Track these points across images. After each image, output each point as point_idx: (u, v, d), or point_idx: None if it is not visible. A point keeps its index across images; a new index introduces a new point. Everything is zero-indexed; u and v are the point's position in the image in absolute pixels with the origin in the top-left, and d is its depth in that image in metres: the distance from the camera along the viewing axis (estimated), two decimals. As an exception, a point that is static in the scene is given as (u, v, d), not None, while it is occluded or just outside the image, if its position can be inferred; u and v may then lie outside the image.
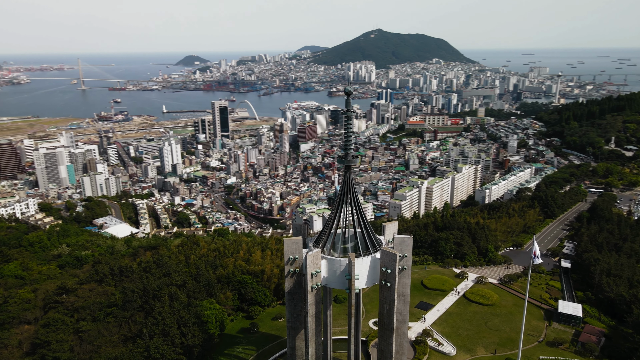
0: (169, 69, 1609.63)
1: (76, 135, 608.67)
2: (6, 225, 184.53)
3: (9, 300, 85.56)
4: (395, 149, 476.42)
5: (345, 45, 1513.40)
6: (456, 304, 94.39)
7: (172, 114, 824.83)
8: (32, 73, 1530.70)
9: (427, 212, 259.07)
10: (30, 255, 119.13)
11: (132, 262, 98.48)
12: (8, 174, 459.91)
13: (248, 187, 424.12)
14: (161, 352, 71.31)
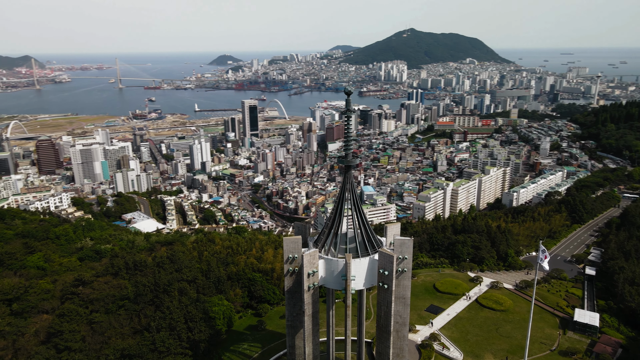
0: (202, 69, 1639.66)
1: (111, 132, 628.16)
2: (39, 218, 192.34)
3: (29, 290, 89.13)
4: (424, 150, 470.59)
5: (377, 45, 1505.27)
6: (467, 309, 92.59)
7: (203, 113, 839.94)
8: (73, 72, 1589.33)
9: (452, 214, 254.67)
10: (55, 248, 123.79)
11: (148, 257, 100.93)
12: (47, 169, 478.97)
13: (275, 185, 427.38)
14: (167, 346, 72.87)
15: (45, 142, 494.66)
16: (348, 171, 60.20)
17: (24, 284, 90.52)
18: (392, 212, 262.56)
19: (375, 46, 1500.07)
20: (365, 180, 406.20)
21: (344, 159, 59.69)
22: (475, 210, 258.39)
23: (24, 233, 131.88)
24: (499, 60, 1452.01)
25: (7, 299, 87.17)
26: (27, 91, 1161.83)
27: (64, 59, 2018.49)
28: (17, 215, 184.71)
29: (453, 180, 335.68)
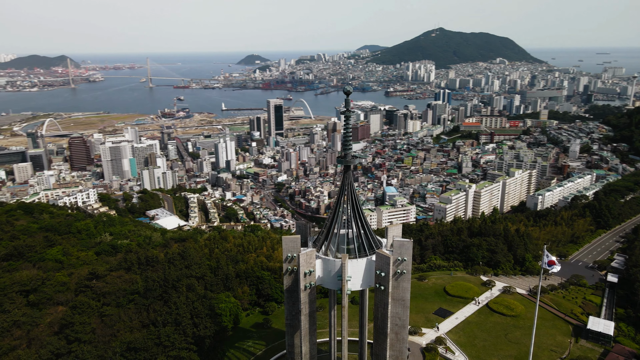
0: (230, 68, 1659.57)
1: (141, 130, 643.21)
2: (66, 212, 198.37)
3: (46, 282, 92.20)
4: (449, 151, 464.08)
5: (405, 44, 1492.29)
6: (477, 313, 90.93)
7: (230, 112, 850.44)
8: (107, 71, 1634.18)
9: (474, 217, 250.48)
10: (76, 242, 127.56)
11: (160, 253, 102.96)
12: (79, 166, 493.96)
13: (298, 185, 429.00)
14: (171, 340, 74.19)
15: (77, 140, 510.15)
16: (347, 171, 60.00)
17: (41, 276, 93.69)
18: (412, 214, 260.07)
19: (403, 46, 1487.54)
20: (388, 181, 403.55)
21: (343, 159, 59.46)
22: (498, 213, 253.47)
23: (47, 227, 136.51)
24: (531, 60, 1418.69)
25: (25, 290, 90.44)
26: (63, 90, 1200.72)
27: (98, 59, 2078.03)
28: (45, 209, 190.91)
29: (477, 182, 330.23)
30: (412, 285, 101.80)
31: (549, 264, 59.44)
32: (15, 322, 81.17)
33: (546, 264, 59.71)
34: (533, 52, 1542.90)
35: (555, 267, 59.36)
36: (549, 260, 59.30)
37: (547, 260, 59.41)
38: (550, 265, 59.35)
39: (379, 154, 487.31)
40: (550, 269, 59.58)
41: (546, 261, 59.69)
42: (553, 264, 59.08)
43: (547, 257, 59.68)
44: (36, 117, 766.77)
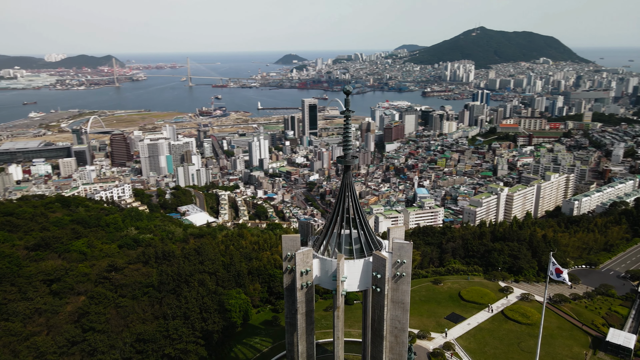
0: (268, 68, 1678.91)
1: (179, 128, 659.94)
2: (101, 206, 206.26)
3: (69, 272, 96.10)
4: (484, 153, 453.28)
5: (444, 44, 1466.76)
6: (490, 320, 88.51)
7: (265, 111, 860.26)
8: (149, 71, 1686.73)
9: (505, 221, 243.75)
10: (103, 235, 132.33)
11: (178, 248, 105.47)
12: (119, 161, 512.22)
13: (329, 184, 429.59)
14: (179, 334, 75.95)
15: (118, 136, 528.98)
16: (347, 171, 59.58)
17: (65, 267, 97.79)
18: (440, 216, 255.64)
19: (442, 45, 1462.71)
20: (420, 183, 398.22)
21: (343, 158, 59.10)
22: (532, 218, 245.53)
23: (78, 220, 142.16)
24: (577, 59, 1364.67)
25: (49, 279, 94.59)
26: (108, 88, 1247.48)
27: (142, 58, 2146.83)
28: (81, 203, 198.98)
29: (513, 185, 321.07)
30: (426, 289, 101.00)
31: (556, 272, 57.09)
32: (37, 309, 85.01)
33: (553, 272, 57.38)
34: (580, 51, 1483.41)
35: (564, 276, 56.87)
36: (556, 268, 56.95)
37: (554, 269, 57.10)
38: (557, 274, 56.97)
39: (412, 155, 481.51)
40: (558, 278, 57.20)
41: (552, 269, 57.40)
42: (560, 272, 56.67)
43: (553, 265, 57.41)
44: (82, 115, 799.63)
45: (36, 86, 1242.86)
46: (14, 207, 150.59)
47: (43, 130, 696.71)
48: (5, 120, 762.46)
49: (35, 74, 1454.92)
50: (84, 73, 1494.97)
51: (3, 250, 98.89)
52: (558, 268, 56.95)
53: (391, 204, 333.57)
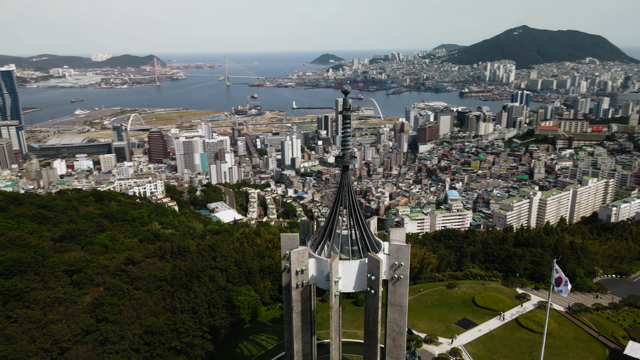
0: (305, 67, 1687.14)
1: (214, 126, 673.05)
2: (132, 201, 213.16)
3: (90, 264, 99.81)
4: (520, 156, 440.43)
5: (484, 43, 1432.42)
6: (503, 327, 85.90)
7: (300, 110, 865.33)
8: (189, 70, 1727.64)
9: (538, 226, 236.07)
10: (129, 229, 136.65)
11: (195, 244, 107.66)
12: (156, 158, 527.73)
13: (359, 185, 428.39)
14: (186, 327, 77.48)
15: (156, 134, 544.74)
16: (345, 171, 59.23)
17: (86, 258, 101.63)
18: (468, 219, 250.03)
19: (482, 45, 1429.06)
20: (452, 185, 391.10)
21: (341, 159, 58.77)
22: (566, 224, 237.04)
23: (106, 214, 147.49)
24: (626, 59, 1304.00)
25: (71, 270, 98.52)
26: (149, 87, 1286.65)
27: (182, 58, 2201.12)
28: (114, 197, 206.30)
29: (549, 189, 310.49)
30: (439, 293, 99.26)
31: (557, 281, 54.85)
32: (57, 298, 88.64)
33: (555, 280, 55.18)
34: (629, 51, 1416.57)
35: (563, 287, 54.48)
36: (558, 277, 54.70)
37: (556, 277, 54.87)
38: (558, 283, 54.72)
39: (446, 157, 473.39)
40: (557, 287, 54.93)
41: (555, 277, 55.20)
42: (561, 281, 54.38)
43: (556, 273, 55.18)
44: (124, 112, 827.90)
45: (82, 85, 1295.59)
46: (48, 200, 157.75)
47: (87, 127, 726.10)
48: (53, 117, 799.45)
49: (82, 73, 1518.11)
50: (127, 72, 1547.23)
51: (30, 240, 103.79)
52: (560, 277, 54.67)
53: (421, 206, 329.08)
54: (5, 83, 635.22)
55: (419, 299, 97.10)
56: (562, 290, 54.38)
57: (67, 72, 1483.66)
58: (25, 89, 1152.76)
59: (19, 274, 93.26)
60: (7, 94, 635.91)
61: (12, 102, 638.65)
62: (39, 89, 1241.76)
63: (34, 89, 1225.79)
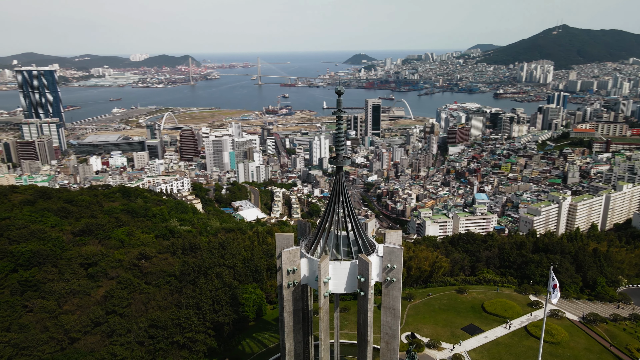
0: (337, 67, 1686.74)
1: (245, 125, 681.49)
2: (158, 198, 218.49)
3: (105, 258, 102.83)
4: (554, 159, 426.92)
5: (522, 43, 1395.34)
6: (510, 335, 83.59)
7: (330, 110, 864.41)
8: (222, 70, 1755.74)
9: (568, 232, 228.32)
10: (150, 224, 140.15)
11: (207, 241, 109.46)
12: (187, 156, 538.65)
13: (387, 186, 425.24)
14: (189, 323, 78.98)
15: (187, 132, 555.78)
16: (339, 171, 59.06)
17: (102, 252, 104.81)
18: (492, 223, 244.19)
19: (519, 45, 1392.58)
20: (481, 188, 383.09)
21: (335, 159, 58.57)
22: (597, 231, 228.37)
23: (128, 209, 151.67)
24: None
25: (87, 263, 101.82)
26: (183, 86, 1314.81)
27: (217, 58, 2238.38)
28: (140, 194, 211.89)
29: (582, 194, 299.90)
30: (448, 297, 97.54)
31: (554, 288, 53.08)
32: (72, 290, 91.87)
33: (552, 287, 53.40)
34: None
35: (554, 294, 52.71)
36: (554, 284, 52.93)
37: (553, 284, 53.09)
38: (554, 290, 52.96)
39: (475, 159, 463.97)
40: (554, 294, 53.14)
41: (552, 284, 53.41)
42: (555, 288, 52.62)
43: (552, 280, 53.39)
44: (158, 111, 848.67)
45: (120, 84, 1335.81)
46: (75, 195, 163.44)
47: (123, 125, 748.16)
48: (92, 115, 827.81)
49: (121, 72, 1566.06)
50: (163, 72, 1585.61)
51: (50, 234, 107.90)
52: (556, 284, 52.89)
53: (448, 209, 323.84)
54: (47, 82, 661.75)
55: (426, 302, 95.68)
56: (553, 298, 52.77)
57: (106, 71, 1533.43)
58: (67, 88, 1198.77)
59: (38, 266, 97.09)
60: (49, 92, 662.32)
61: (53, 101, 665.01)
62: (80, 87, 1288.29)
63: (75, 88, 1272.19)
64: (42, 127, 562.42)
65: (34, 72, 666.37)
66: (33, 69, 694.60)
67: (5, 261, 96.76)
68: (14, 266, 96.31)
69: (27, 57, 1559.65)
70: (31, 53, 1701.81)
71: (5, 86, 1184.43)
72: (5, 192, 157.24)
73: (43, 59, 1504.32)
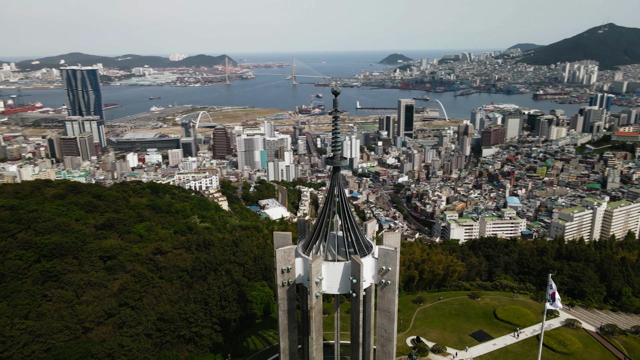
0: (372, 67, 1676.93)
1: (277, 125, 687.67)
2: (185, 195, 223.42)
3: (123, 252, 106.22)
4: (593, 163, 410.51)
5: (564, 42, 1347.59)
6: (521, 343, 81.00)
7: (364, 110, 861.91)
8: (258, 69, 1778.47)
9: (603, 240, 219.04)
10: (172, 220, 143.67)
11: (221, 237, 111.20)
12: (219, 154, 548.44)
13: (417, 187, 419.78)
14: (195, 317, 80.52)
15: (220, 131, 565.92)
16: (336, 172, 58.79)
17: (121, 246, 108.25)
18: (521, 227, 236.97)
19: (561, 44, 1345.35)
20: (515, 191, 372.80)
21: (331, 160, 58.35)
22: (634, 239, 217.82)
23: (152, 205, 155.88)
24: None
25: (106, 256, 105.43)
26: (220, 86, 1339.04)
27: (253, 58, 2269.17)
28: (169, 190, 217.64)
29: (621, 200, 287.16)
30: (459, 302, 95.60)
31: (552, 296, 51.17)
32: (89, 282, 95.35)
33: (550, 295, 51.51)
34: None
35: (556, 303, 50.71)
36: (552, 292, 51.02)
37: (551, 292, 51.20)
38: (553, 298, 51.04)
39: (510, 162, 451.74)
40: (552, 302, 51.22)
41: (550, 293, 51.52)
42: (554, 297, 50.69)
43: (550, 289, 51.49)
44: (194, 110, 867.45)
45: (159, 83, 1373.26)
46: (103, 190, 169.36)
47: (160, 123, 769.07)
48: (131, 113, 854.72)
49: (160, 72, 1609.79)
50: (200, 71, 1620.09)
51: (74, 227, 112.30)
52: (554, 293, 50.97)
53: (478, 212, 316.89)
54: (90, 81, 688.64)
55: (437, 306, 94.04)
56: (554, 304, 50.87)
57: (147, 71, 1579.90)
58: (110, 87, 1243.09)
59: (60, 257, 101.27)
60: (92, 91, 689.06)
61: (95, 99, 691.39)
62: (121, 86, 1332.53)
63: (117, 87, 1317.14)
64: (83, 124, 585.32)
65: (77, 71, 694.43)
66: (77, 68, 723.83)
67: (30, 252, 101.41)
68: (37, 257, 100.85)
69: (73, 57, 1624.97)
70: (78, 53, 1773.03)
71: (53, 84, 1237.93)
72: (39, 186, 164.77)
73: (88, 58, 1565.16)
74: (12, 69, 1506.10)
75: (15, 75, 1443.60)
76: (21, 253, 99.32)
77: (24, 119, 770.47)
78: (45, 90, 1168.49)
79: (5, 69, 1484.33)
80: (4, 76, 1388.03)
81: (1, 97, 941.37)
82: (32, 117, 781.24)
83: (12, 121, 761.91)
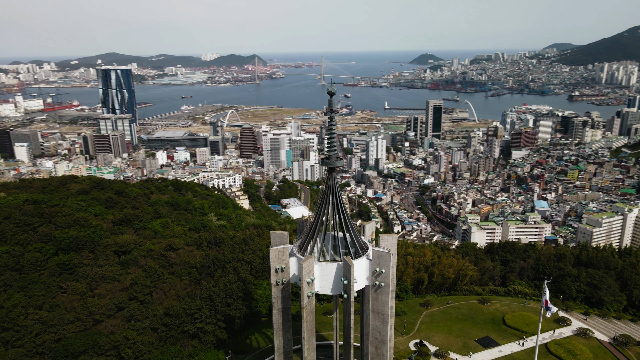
0: (402, 67, 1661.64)
1: (304, 124, 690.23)
2: (207, 193, 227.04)
3: (138, 247, 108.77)
4: (628, 167, 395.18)
5: (603, 42, 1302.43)
6: (528, 351, 78.73)
7: (392, 111, 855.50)
8: (288, 69, 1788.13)
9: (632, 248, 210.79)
10: (190, 217, 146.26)
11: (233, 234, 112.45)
12: (246, 153, 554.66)
13: (442, 189, 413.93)
14: (200, 314, 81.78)
15: (247, 130, 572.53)
16: (331, 173, 58.72)
17: (135, 242, 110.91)
18: (545, 232, 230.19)
19: (599, 44, 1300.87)
20: (543, 195, 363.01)
21: (327, 160, 58.31)
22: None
23: (171, 202, 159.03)
24: None
25: (121, 251, 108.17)
26: (249, 85, 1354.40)
27: (283, 57, 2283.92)
28: (191, 188, 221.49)
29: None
30: (468, 307, 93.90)
31: (545, 304, 49.63)
32: (103, 275, 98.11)
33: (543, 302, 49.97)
34: None
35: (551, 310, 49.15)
36: (545, 300, 49.48)
37: (544, 300, 49.67)
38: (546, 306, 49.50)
39: (540, 164, 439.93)
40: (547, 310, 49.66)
41: (543, 300, 49.97)
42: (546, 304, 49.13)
43: (544, 295, 49.95)
44: (223, 109, 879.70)
45: (191, 82, 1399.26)
46: (126, 186, 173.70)
47: (190, 121, 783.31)
48: (163, 111, 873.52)
49: (192, 71, 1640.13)
50: (231, 71, 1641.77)
51: (92, 221, 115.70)
52: (547, 300, 49.42)
53: (504, 215, 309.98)
54: (123, 80, 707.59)
55: (444, 310, 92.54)
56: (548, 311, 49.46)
57: (179, 70, 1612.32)
58: (143, 86, 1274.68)
59: (76, 251, 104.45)
60: (125, 90, 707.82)
61: (128, 98, 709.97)
62: (154, 85, 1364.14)
63: (150, 86, 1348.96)
64: (116, 122, 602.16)
65: (112, 70, 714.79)
66: (111, 67, 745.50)
67: (50, 245, 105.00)
68: (56, 250, 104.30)
69: (110, 57, 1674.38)
70: (114, 53, 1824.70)
71: (90, 84, 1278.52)
72: (65, 181, 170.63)
73: (124, 58, 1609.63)
74: (52, 69, 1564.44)
75: (55, 74, 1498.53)
76: (41, 246, 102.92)
77: (62, 116, 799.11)
78: (83, 89, 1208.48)
79: (46, 68, 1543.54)
80: (44, 75, 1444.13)
81: (41, 95, 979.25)
82: (69, 115, 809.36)
83: (50, 119, 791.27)
